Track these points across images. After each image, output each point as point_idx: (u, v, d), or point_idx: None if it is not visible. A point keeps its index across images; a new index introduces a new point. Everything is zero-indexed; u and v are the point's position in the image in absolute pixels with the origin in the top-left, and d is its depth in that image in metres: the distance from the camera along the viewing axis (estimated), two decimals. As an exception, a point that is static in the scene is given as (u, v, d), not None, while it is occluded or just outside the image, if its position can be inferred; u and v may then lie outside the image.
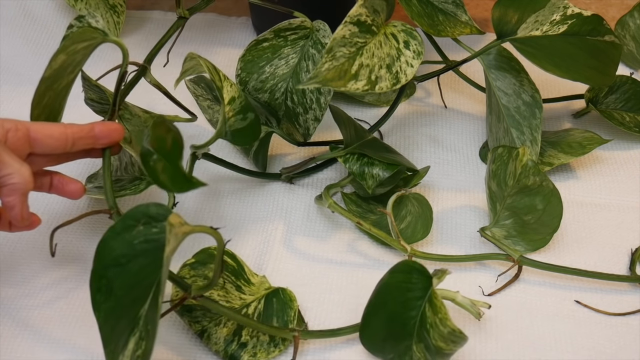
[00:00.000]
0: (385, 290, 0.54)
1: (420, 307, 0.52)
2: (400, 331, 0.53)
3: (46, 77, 0.54)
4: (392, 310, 0.54)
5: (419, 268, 0.53)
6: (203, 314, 0.58)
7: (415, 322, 0.53)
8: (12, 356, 0.57)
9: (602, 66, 0.67)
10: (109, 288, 0.48)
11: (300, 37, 0.70)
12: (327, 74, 0.56)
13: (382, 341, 0.55)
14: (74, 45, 0.54)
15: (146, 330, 0.45)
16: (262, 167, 0.72)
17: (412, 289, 0.53)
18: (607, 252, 0.66)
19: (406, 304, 0.53)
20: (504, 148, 0.63)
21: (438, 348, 0.52)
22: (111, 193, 0.57)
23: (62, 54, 0.53)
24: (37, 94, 0.54)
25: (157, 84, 0.65)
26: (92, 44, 0.55)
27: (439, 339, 0.52)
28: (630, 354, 0.58)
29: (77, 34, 0.54)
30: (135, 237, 0.48)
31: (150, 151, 0.51)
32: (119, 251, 0.48)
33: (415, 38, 0.61)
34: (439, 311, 0.51)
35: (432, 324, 0.52)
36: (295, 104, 0.71)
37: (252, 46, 0.71)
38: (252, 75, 0.72)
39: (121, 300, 0.47)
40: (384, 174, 0.65)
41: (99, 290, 0.48)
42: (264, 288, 0.60)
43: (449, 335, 0.51)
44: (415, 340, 0.53)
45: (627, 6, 0.86)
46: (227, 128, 0.61)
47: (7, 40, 0.88)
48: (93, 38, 0.55)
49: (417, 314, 0.53)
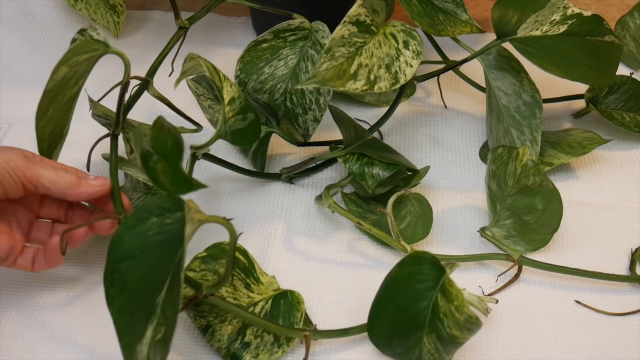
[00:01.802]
0: (393, 283, 0.54)
1: (431, 298, 0.52)
2: (410, 324, 0.53)
3: (49, 89, 0.54)
4: (401, 303, 0.53)
5: (430, 258, 0.53)
6: (210, 309, 0.58)
7: (426, 313, 0.52)
8: (12, 356, 0.57)
9: (602, 66, 0.67)
10: (123, 281, 0.47)
11: (299, 38, 0.70)
12: (325, 73, 0.56)
13: (391, 336, 0.55)
14: (76, 57, 0.54)
15: (164, 316, 0.45)
16: (261, 167, 0.72)
17: (422, 279, 0.53)
18: (607, 252, 0.66)
19: (416, 295, 0.53)
20: (504, 148, 0.63)
21: (452, 337, 0.52)
22: (119, 197, 0.57)
23: (64, 66, 0.54)
24: (41, 107, 0.55)
25: (161, 97, 0.64)
26: (94, 56, 0.56)
27: (453, 327, 0.52)
28: (630, 354, 0.58)
29: (78, 45, 0.54)
30: (149, 229, 0.47)
31: (150, 152, 0.51)
32: (132, 244, 0.47)
33: (414, 38, 0.61)
34: (455, 298, 0.51)
35: (445, 312, 0.52)
36: (294, 104, 0.71)
37: (251, 47, 0.72)
38: (251, 76, 0.72)
39: (136, 293, 0.47)
40: (384, 173, 0.65)
41: (113, 284, 0.48)
42: (272, 289, 0.60)
43: (465, 322, 0.51)
44: (426, 332, 0.53)
45: (627, 6, 0.86)
46: (227, 128, 0.61)
47: (7, 40, 0.88)
48: (94, 50, 0.55)
49: (429, 304, 0.52)
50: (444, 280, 0.52)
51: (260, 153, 0.71)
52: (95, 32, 0.57)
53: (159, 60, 0.65)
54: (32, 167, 0.54)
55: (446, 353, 0.54)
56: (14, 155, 0.54)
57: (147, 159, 0.51)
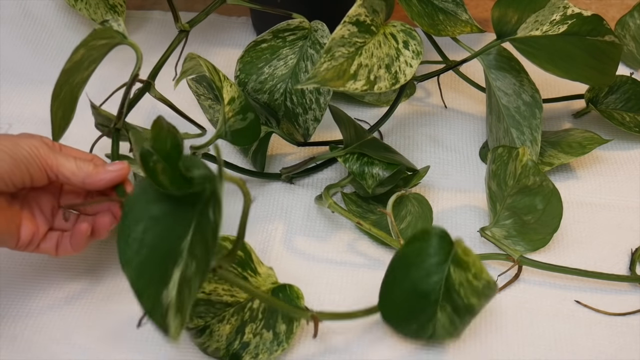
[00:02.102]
0: (402, 261, 0.53)
1: (443, 271, 0.52)
2: (423, 299, 0.53)
3: (66, 69, 0.56)
4: (412, 280, 0.53)
5: (438, 232, 0.52)
6: (207, 310, 0.57)
7: (439, 287, 0.52)
8: (12, 356, 0.57)
9: (602, 66, 0.67)
10: (141, 241, 0.46)
11: (298, 38, 0.70)
12: (325, 73, 0.56)
13: (404, 314, 0.55)
14: (94, 41, 0.56)
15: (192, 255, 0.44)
16: (261, 167, 0.72)
17: (432, 254, 0.52)
18: (607, 252, 0.66)
19: (427, 270, 0.52)
20: (503, 148, 0.63)
21: (469, 306, 0.52)
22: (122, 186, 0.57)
23: (83, 47, 0.56)
24: (56, 87, 0.57)
25: (162, 98, 0.65)
26: (111, 43, 0.58)
27: (471, 296, 0.52)
28: (630, 354, 0.58)
29: (99, 31, 0.56)
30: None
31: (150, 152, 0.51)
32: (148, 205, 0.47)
33: (414, 38, 0.61)
34: (473, 266, 0.51)
35: (462, 282, 0.52)
36: (294, 104, 0.71)
37: (251, 47, 0.72)
38: (251, 77, 0.72)
39: (157, 248, 0.46)
40: (383, 173, 0.65)
41: (129, 245, 0.46)
42: (270, 282, 0.59)
43: (484, 288, 0.51)
44: (440, 306, 0.53)
45: (627, 6, 0.85)
46: (227, 128, 0.61)
47: (7, 40, 0.88)
48: (112, 37, 0.58)
49: (441, 278, 0.52)
50: (457, 251, 0.51)
51: (260, 153, 0.71)
52: (116, 23, 0.60)
53: (160, 62, 0.65)
54: (54, 155, 0.54)
55: (462, 324, 0.54)
56: (36, 142, 0.54)
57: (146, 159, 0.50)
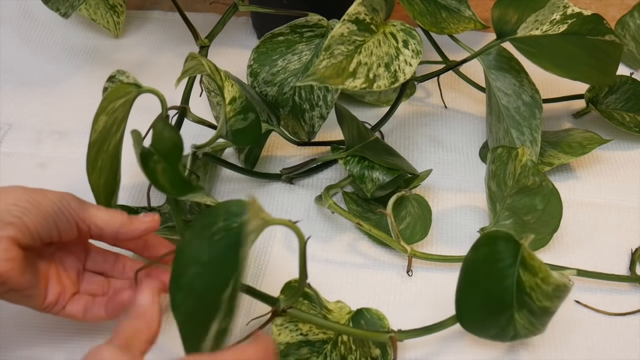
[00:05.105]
0: (473, 268, 0.53)
1: (513, 275, 0.52)
2: (498, 304, 0.53)
3: (93, 141, 0.53)
4: (485, 286, 0.53)
5: (503, 235, 0.52)
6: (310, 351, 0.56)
7: (512, 290, 0.52)
8: (12, 356, 0.57)
9: (603, 65, 0.67)
10: (190, 287, 0.46)
11: (316, 35, 0.70)
12: (324, 71, 0.56)
13: (482, 319, 0.54)
14: (112, 104, 0.54)
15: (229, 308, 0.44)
16: (252, 164, 0.71)
17: (500, 258, 0.52)
18: (607, 252, 0.66)
19: (498, 275, 0.52)
20: (503, 148, 0.63)
21: (544, 308, 0.52)
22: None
23: (103, 115, 0.53)
24: (89, 160, 0.54)
25: (200, 121, 0.66)
26: (129, 99, 0.56)
27: (543, 299, 0.51)
28: (630, 354, 0.58)
29: (111, 92, 0.54)
30: (215, 233, 0.47)
31: (151, 152, 0.51)
32: (199, 249, 0.47)
33: (414, 37, 0.61)
34: (539, 271, 0.51)
35: (532, 286, 0.51)
36: (302, 99, 0.71)
37: (267, 39, 0.71)
38: (264, 67, 0.72)
39: (202, 295, 0.46)
40: (383, 178, 0.65)
41: (180, 290, 0.47)
42: (345, 312, 0.59)
43: (554, 292, 0.51)
44: (516, 309, 0.52)
45: (627, 6, 0.85)
46: (228, 128, 0.61)
47: (7, 40, 0.88)
48: (128, 93, 0.55)
49: (513, 281, 0.52)
50: (523, 254, 0.51)
51: (255, 151, 0.70)
52: (123, 75, 0.58)
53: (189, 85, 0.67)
54: (86, 206, 0.53)
55: (541, 324, 0.54)
56: (66, 195, 0.53)
57: (146, 159, 0.50)
